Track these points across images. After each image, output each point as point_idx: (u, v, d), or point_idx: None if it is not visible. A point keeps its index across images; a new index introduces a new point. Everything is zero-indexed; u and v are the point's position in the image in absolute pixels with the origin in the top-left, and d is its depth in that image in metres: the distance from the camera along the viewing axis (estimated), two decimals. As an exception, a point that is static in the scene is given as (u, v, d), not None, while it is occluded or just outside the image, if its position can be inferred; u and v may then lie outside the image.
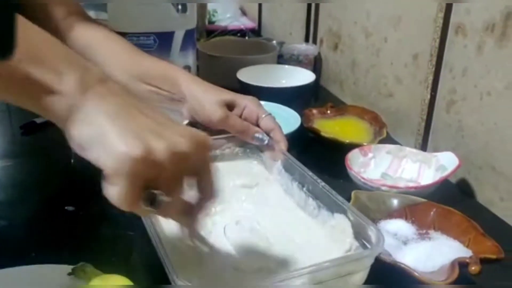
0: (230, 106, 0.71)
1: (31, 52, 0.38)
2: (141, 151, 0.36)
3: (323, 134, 0.83)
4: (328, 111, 0.94)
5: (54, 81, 0.38)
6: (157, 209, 0.39)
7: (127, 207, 0.38)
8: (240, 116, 0.71)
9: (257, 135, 0.69)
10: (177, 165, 0.38)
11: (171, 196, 0.39)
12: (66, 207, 0.68)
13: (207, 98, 0.69)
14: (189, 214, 0.44)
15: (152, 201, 0.38)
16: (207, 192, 0.43)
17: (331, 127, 0.90)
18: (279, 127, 0.71)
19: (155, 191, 0.38)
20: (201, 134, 0.42)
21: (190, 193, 0.43)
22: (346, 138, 0.82)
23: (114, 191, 0.37)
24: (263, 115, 0.71)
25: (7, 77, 0.37)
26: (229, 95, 0.72)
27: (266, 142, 0.68)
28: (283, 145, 0.69)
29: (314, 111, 0.94)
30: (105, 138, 0.37)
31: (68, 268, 0.51)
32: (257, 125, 0.71)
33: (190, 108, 0.70)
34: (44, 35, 0.40)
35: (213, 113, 0.68)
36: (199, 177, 0.43)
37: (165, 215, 0.42)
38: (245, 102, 0.72)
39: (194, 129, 0.43)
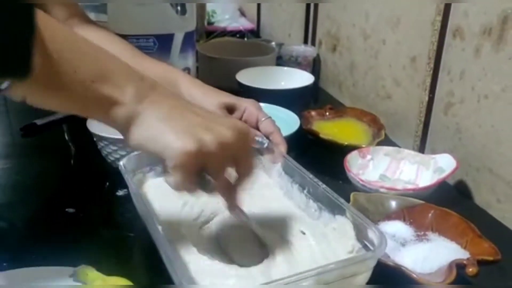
0: (230, 109, 0.72)
1: (100, 72, 0.43)
2: (194, 145, 0.42)
3: (322, 136, 0.84)
4: (327, 113, 0.95)
5: (118, 94, 0.43)
6: (206, 190, 0.47)
7: (183, 191, 0.45)
8: (240, 119, 0.72)
9: (257, 138, 0.69)
10: (224, 152, 0.44)
11: (218, 178, 0.46)
12: (66, 209, 0.68)
13: (207, 101, 0.70)
14: (230, 190, 0.50)
15: (203, 184, 0.46)
16: (246, 173, 0.49)
17: (330, 129, 0.90)
18: (279, 130, 0.72)
19: (205, 175, 0.45)
20: (243, 125, 0.48)
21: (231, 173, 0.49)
22: (345, 140, 0.82)
23: (173, 179, 0.43)
24: (263, 118, 0.72)
25: (83, 95, 0.42)
26: (228, 98, 0.73)
27: (266, 145, 0.68)
28: (282, 147, 0.69)
29: (313, 113, 0.94)
30: (163, 137, 0.43)
31: (69, 270, 0.51)
32: (257, 128, 0.72)
33: None
34: (106, 52, 0.45)
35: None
36: (239, 161, 0.48)
37: (211, 193, 0.49)
38: (245, 105, 0.73)
39: (238, 121, 0.49)
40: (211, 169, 0.45)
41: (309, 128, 0.87)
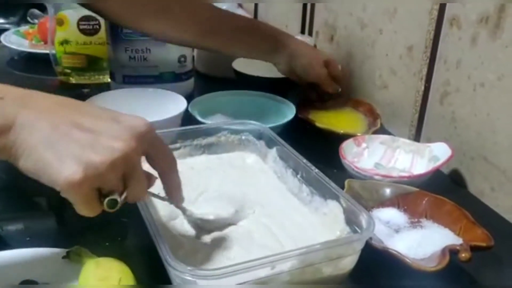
0: (328, 63, 0.91)
1: None
2: (80, 172, 0.39)
3: (317, 124, 0.83)
4: (326, 103, 0.95)
5: None
6: (118, 207, 0.43)
7: (91, 214, 0.43)
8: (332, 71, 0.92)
9: (334, 86, 0.92)
10: (114, 170, 0.41)
11: (129, 189, 0.43)
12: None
13: (316, 60, 0.90)
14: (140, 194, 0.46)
15: (111, 202, 0.43)
16: (165, 167, 0.48)
17: (326, 117, 0.90)
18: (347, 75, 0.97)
19: (111, 193, 0.42)
20: (140, 123, 0.44)
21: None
22: (341, 129, 0.82)
23: (75, 206, 0.42)
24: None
25: None
26: (326, 55, 0.93)
27: (339, 90, 0.92)
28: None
29: (309, 102, 0.94)
30: (49, 168, 0.40)
31: (62, 251, 0.51)
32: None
33: (298, 66, 0.89)
34: None
35: (321, 73, 0.90)
36: (152, 160, 0.47)
37: (132, 202, 0.45)
38: (333, 60, 0.93)
39: (134, 120, 0.44)
40: (107, 188, 0.42)
41: (305, 116, 0.87)
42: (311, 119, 0.86)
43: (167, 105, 0.80)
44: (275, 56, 0.91)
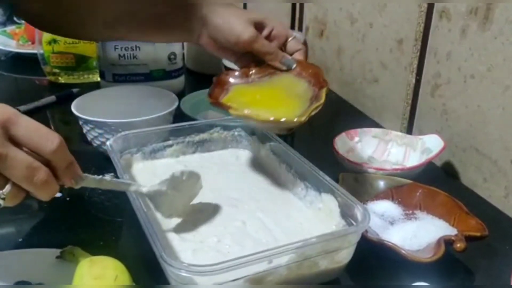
0: (258, 27, 0.67)
1: None
2: None
3: (232, 111, 0.60)
4: (252, 72, 0.68)
5: None
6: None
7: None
8: (268, 37, 0.67)
9: (284, 60, 0.66)
10: None
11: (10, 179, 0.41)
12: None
13: (236, 17, 0.66)
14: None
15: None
16: (41, 146, 0.43)
17: (252, 95, 0.66)
18: (305, 49, 0.69)
19: None
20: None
21: None
22: (269, 113, 0.58)
23: None
24: (290, 38, 0.68)
25: None
26: (257, 15, 0.68)
27: (294, 67, 0.66)
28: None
29: (231, 75, 0.68)
30: None
31: (56, 251, 0.50)
32: (284, 48, 0.68)
33: (214, 29, 0.66)
34: None
35: (243, 32, 0.64)
36: (25, 143, 0.42)
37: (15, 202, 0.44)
38: (274, 23, 0.68)
39: None
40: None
41: (215, 101, 0.63)
42: (224, 104, 0.62)
43: (158, 102, 0.79)
44: (190, 29, 0.69)
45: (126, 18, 0.69)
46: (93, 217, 0.64)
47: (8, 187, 0.41)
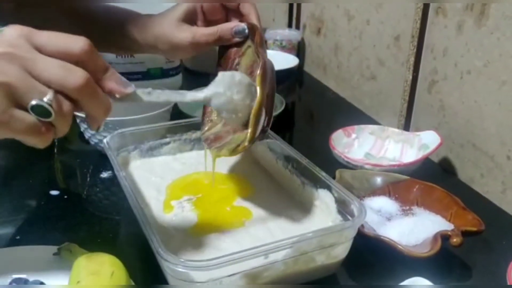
0: (190, 17, 0.59)
1: None
2: None
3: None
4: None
5: None
6: (51, 110, 0.36)
7: (34, 136, 0.37)
8: (206, 20, 0.59)
9: (235, 29, 0.57)
10: (5, 68, 0.35)
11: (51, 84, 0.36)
12: (50, 192, 0.67)
13: (161, 25, 0.58)
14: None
15: (37, 108, 0.36)
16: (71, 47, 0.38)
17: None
18: (256, 14, 0.59)
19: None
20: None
21: None
22: None
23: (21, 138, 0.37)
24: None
25: None
26: (180, 7, 0.59)
27: (246, 31, 0.57)
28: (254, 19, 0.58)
29: None
30: None
31: (53, 248, 0.50)
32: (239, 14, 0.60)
33: (151, 37, 0.60)
34: None
35: (182, 39, 0.58)
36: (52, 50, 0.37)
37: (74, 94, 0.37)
38: (198, 4, 0.59)
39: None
40: (23, 98, 0.35)
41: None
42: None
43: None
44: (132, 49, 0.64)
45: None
46: (91, 215, 0.64)
47: (50, 94, 0.36)
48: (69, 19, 0.65)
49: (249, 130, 0.47)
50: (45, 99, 0.35)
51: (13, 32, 0.36)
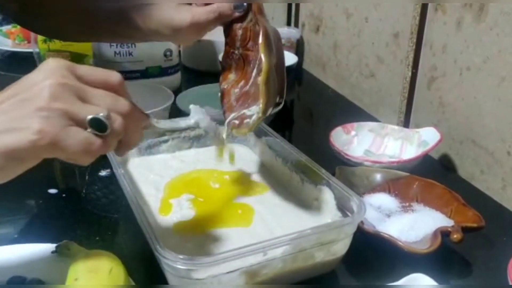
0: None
1: None
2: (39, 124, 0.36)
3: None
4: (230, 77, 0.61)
5: None
6: (107, 124, 0.38)
7: (88, 152, 0.38)
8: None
9: (234, 4, 0.56)
10: (61, 94, 0.37)
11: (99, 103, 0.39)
12: (49, 190, 0.67)
13: (165, 8, 0.57)
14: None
15: (94, 121, 0.38)
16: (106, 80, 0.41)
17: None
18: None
19: None
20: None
21: None
22: None
23: (72, 157, 0.38)
24: None
25: None
26: None
27: (245, 4, 0.56)
28: None
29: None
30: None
31: (51, 246, 0.50)
32: None
33: (157, 22, 0.58)
34: None
35: (182, 20, 0.56)
36: (90, 81, 0.40)
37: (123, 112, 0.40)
38: None
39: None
40: (77, 116, 0.37)
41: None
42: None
43: (154, 98, 0.79)
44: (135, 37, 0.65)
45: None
46: (89, 213, 0.64)
47: (104, 111, 0.38)
48: (73, 14, 0.65)
49: (261, 101, 0.46)
50: (101, 114, 0.38)
51: (58, 64, 0.39)
